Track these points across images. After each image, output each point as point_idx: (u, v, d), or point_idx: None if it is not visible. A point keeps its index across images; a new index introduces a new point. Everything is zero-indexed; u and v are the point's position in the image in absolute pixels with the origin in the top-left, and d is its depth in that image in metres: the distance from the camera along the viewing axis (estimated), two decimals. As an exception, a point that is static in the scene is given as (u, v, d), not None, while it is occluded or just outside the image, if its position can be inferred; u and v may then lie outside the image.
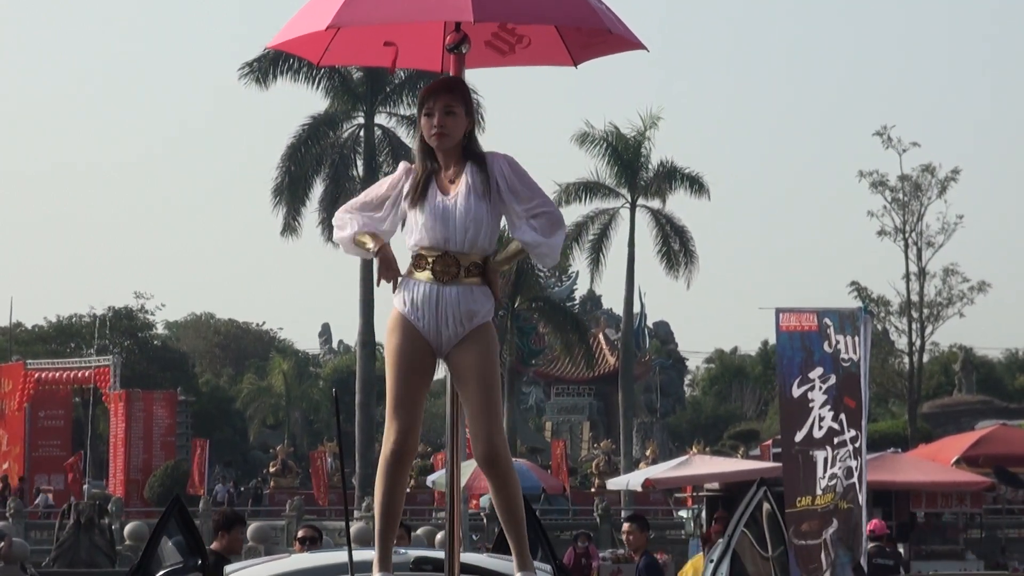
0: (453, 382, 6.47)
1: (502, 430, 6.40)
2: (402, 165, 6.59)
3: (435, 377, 6.65)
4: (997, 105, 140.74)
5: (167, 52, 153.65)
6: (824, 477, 18.08)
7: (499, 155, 6.49)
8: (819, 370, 18.18)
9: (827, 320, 18.39)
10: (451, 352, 6.42)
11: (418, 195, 6.41)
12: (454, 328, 6.39)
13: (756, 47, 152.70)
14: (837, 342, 18.22)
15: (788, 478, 18.39)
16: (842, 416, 18.13)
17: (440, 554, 8.08)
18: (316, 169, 51.06)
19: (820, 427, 18.08)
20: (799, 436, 18.08)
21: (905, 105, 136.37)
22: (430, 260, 6.38)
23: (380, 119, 51.48)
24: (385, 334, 6.57)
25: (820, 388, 18.04)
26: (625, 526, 17.50)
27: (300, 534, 13.68)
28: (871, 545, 22.36)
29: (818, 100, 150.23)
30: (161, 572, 9.53)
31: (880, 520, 26.20)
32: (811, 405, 17.98)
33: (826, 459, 18.07)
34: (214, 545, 11.79)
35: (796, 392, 18.09)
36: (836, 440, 18.13)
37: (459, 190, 6.39)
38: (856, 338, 18.25)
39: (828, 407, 18.05)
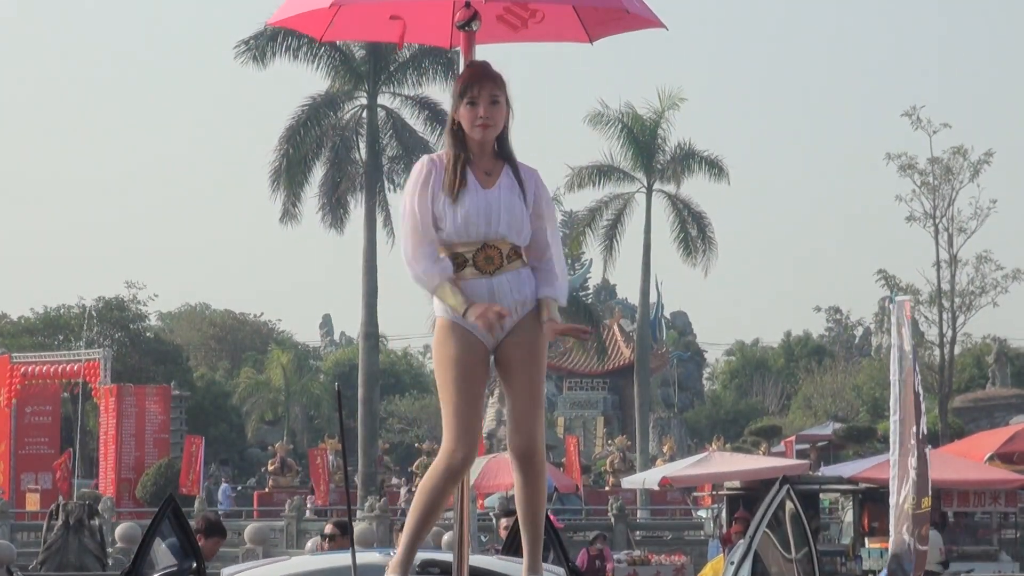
0: (498, 371, 6.39)
1: (544, 426, 6.42)
2: (425, 160, 6.41)
3: None
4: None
5: (158, 35, 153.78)
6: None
7: (530, 167, 6.46)
8: (913, 362, 17.94)
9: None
10: (501, 342, 6.33)
11: (459, 186, 6.26)
12: (511, 318, 6.29)
13: (779, 25, 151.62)
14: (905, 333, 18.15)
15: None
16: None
17: (446, 556, 8.33)
18: (316, 152, 50.18)
19: (923, 423, 17.92)
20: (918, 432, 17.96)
21: (935, 84, 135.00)
22: (468, 256, 6.28)
23: (383, 99, 50.37)
24: (435, 345, 6.44)
25: (918, 381, 17.84)
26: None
27: (327, 530, 13.71)
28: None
29: (844, 79, 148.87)
30: (154, 575, 9.64)
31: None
32: (920, 400, 17.78)
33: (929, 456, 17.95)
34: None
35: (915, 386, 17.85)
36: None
37: (500, 183, 6.33)
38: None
39: (923, 401, 17.97)
